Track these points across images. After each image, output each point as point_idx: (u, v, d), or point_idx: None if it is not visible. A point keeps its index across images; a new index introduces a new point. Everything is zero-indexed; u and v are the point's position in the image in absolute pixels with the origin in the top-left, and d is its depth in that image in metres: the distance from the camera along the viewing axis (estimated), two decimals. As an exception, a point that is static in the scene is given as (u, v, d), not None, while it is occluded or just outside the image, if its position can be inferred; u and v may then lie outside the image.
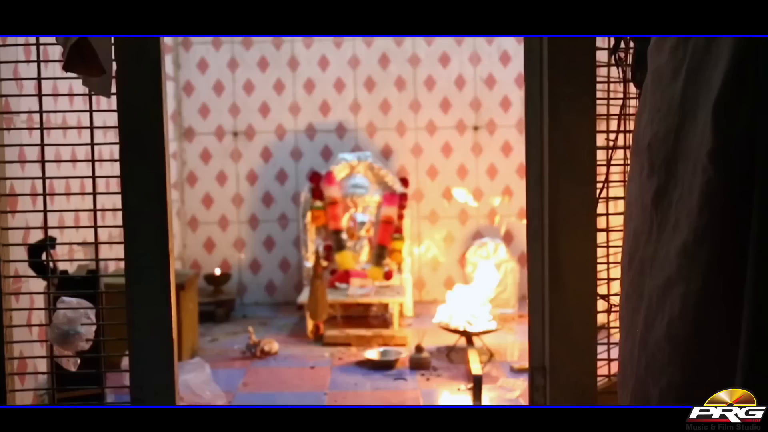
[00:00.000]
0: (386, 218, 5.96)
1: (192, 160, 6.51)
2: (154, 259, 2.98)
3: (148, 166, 2.98)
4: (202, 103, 6.48)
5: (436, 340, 5.19)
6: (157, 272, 3.00)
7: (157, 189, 2.99)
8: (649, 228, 2.01)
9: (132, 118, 2.99)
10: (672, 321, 1.84)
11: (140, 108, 2.98)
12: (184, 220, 6.55)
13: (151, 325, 3.02)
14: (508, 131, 6.54)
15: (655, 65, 2.05)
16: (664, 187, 1.95)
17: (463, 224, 6.55)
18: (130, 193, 3.00)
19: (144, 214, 2.98)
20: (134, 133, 2.99)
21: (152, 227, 2.98)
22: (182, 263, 6.53)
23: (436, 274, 6.59)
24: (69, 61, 2.68)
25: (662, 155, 1.95)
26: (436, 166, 6.54)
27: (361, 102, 6.48)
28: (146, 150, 2.99)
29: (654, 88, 2.05)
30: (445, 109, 6.51)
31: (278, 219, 6.53)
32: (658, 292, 1.92)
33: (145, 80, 2.89)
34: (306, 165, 6.47)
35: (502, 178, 6.56)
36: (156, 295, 3.00)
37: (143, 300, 3.00)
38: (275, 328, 5.83)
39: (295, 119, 6.50)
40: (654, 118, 2.01)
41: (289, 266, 6.56)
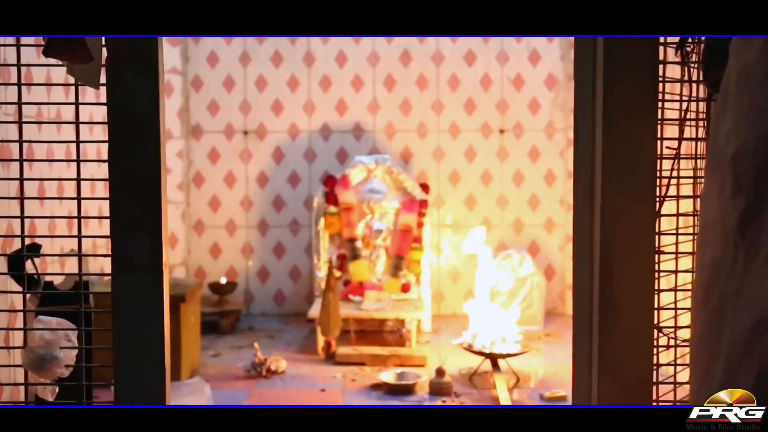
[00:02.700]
0: (404, 226, 5.69)
1: (199, 159, 6.24)
2: (145, 274, 2.64)
3: (141, 168, 2.62)
4: (211, 100, 6.21)
5: (457, 360, 4.82)
6: (148, 290, 2.65)
7: (150, 194, 2.63)
8: (733, 258, 1.68)
9: (123, 113, 2.63)
10: (763, 375, 1.54)
11: (133, 101, 2.62)
12: (189, 223, 6.27)
13: (140, 350, 2.68)
14: (536, 135, 6.23)
15: (741, 64, 1.71)
16: (753, 209, 1.63)
17: (486, 233, 6.13)
18: (119, 199, 2.63)
19: (135, 223, 2.62)
20: (125, 129, 2.63)
21: (144, 238, 2.63)
22: (186, 269, 6.26)
23: (456, 286, 6.30)
24: (50, 45, 2.30)
25: (752, 170, 1.62)
26: (459, 171, 6.26)
27: (380, 101, 6.22)
28: (139, 149, 2.63)
29: (740, 90, 1.71)
30: (470, 111, 6.23)
31: (289, 224, 6.25)
32: (744, 337, 1.62)
33: (140, 69, 2.53)
34: (320, 167, 6.20)
35: (528, 185, 6.27)
36: (147, 316, 2.66)
37: (131, 322, 2.65)
38: (283, 342, 5.49)
39: (309, 118, 6.23)
40: (741, 125, 1.68)
41: (300, 275, 6.28)
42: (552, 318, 6.04)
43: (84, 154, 3.74)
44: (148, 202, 2.62)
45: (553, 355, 5.15)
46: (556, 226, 6.27)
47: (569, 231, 6.15)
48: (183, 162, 6.18)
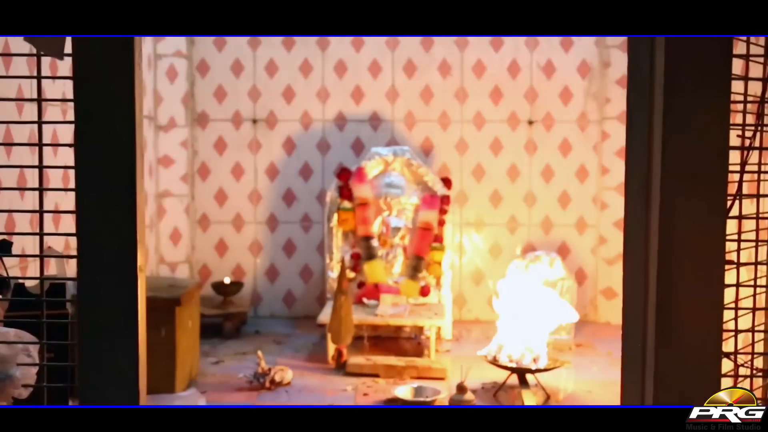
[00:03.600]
0: (424, 224, 5.35)
1: (205, 149, 5.94)
2: (115, 280, 2.28)
3: (113, 154, 2.27)
4: (218, 85, 5.92)
5: (480, 373, 4.45)
6: (118, 298, 2.30)
7: (123, 185, 2.27)
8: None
9: (91, 88, 2.28)
10: None
11: (104, 74, 2.24)
12: (193, 218, 5.99)
13: (108, 368, 2.32)
14: (568, 127, 5.88)
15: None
16: None
17: (512, 233, 5.92)
18: (86, 190, 2.27)
19: (104, 219, 2.27)
20: (94, 107, 2.28)
21: (114, 238, 2.27)
22: (190, 267, 5.98)
23: (479, 290, 5.96)
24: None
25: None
26: (484, 165, 5.92)
27: (399, 89, 5.89)
28: (110, 132, 2.28)
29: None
30: (496, 100, 5.88)
31: (300, 220, 5.95)
32: None
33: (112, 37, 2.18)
34: (334, 159, 5.88)
35: (558, 181, 5.92)
36: (116, 329, 2.30)
37: (99, 335, 2.30)
38: (291, 348, 5.15)
39: (322, 106, 5.92)
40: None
41: (311, 275, 5.98)
42: (583, 326, 5.62)
43: (55, 139, 3.33)
44: (121, 195, 2.27)
45: (586, 369, 4.75)
46: (589, 226, 5.91)
47: (603, 232, 5.84)
48: (187, 152, 5.92)
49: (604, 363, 4.86)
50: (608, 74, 5.75)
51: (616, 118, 5.71)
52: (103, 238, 2.23)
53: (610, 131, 5.77)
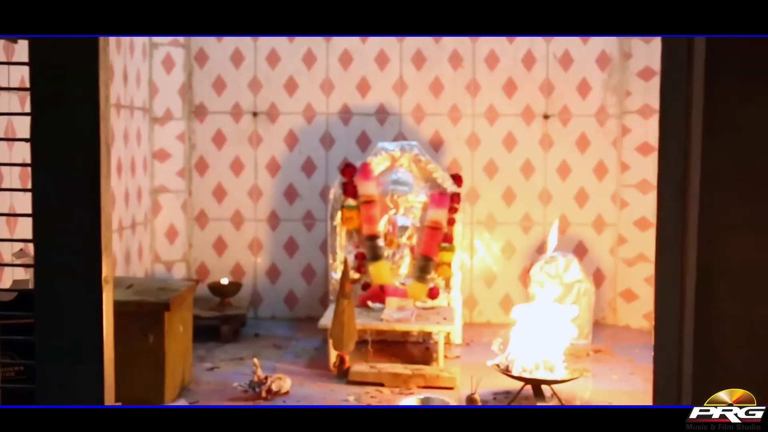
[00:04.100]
0: (433, 223, 5.17)
1: (203, 143, 5.77)
2: (77, 291, 2.10)
3: (74, 151, 2.12)
4: (217, 76, 5.74)
5: (491, 381, 4.24)
6: (81, 312, 2.15)
7: (86, 185, 2.10)
8: None
9: (50, 76, 2.12)
10: None
11: (64, 59, 2.05)
12: (190, 215, 5.81)
13: (69, 393, 2.12)
14: (586, 122, 5.68)
15: None
16: None
17: (526, 233, 5.73)
18: (45, 191, 2.12)
19: (63, 223, 2.11)
20: (53, 98, 2.10)
21: (75, 244, 2.10)
22: (187, 267, 5.80)
23: (490, 291, 5.79)
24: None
25: None
26: (496, 161, 5.73)
27: (408, 81, 5.71)
28: (72, 125, 2.11)
29: None
30: (510, 93, 5.68)
31: (303, 218, 5.78)
32: None
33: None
34: (338, 155, 5.70)
35: (575, 178, 5.72)
36: (79, 349, 2.13)
37: (57, 357, 2.10)
38: (291, 353, 4.93)
39: (327, 99, 5.74)
40: None
41: (314, 275, 5.80)
42: (601, 330, 5.37)
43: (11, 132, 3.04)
44: (83, 196, 2.06)
45: (605, 377, 4.51)
46: (607, 225, 5.70)
47: (622, 231, 5.65)
48: (185, 146, 5.74)
49: (623, 370, 4.60)
50: (629, 66, 5.53)
51: (637, 112, 5.48)
52: (62, 245, 1.99)
53: (630, 126, 5.54)
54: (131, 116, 5.09)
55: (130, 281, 4.14)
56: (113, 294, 4.03)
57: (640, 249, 5.52)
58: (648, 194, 5.47)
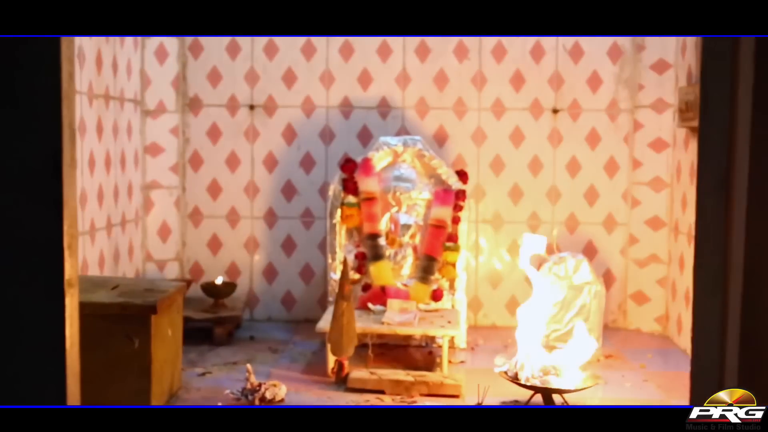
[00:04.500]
0: (437, 221, 5.02)
1: (197, 137, 5.62)
2: (36, 296, 1.84)
3: (32, 138, 1.84)
4: (213, 67, 5.59)
5: (499, 389, 4.03)
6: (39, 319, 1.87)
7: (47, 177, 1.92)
8: None
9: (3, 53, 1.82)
10: None
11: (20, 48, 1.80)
12: (184, 212, 5.65)
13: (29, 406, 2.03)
14: (596, 116, 5.51)
15: None
16: None
17: (534, 232, 5.50)
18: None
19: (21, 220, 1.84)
20: (7, 78, 1.83)
21: (35, 242, 1.87)
22: (180, 266, 5.63)
23: (496, 293, 5.62)
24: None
25: None
26: (503, 157, 5.58)
27: (411, 73, 5.56)
28: (29, 109, 1.93)
29: None
30: (517, 86, 5.52)
31: (301, 216, 5.63)
32: None
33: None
34: (338, 149, 5.56)
35: (585, 175, 5.56)
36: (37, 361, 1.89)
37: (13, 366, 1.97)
38: (288, 358, 4.75)
39: (326, 92, 5.59)
40: None
41: (313, 275, 5.64)
42: (611, 334, 5.18)
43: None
44: (43, 189, 1.87)
45: (617, 384, 4.32)
46: (618, 224, 5.52)
47: (633, 231, 5.48)
48: (178, 140, 5.57)
49: (636, 378, 4.40)
50: (642, 58, 5.34)
51: (650, 106, 5.30)
52: (18, 244, 1.78)
53: (643, 121, 5.35)
54: (121, 108, 4.89)
55: (116, 282, 3.93)
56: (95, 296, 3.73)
57: (652, 249, 5.35)
58: (661, 192, 5.29)
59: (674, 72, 5.17)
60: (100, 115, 4.49)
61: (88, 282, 3.80)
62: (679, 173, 5.10)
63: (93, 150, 4.39)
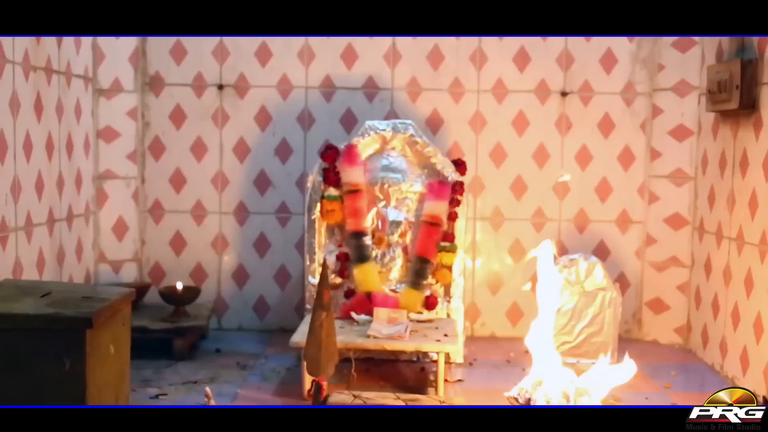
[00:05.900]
0: (431, 218, 4.64)
1: (158, 121, 5.20)
2: None
3: None
4: (176, 42, 5.17)
5: None
6: None
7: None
8: None
9: None
10: None
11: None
12: (143, 206, 5.23)
13: None
14: (610, 100, 5.15)
15: None
16: None
17: (538, 230, 5.17)
18: None
19: None
20: None
21: None
22: (139, 267, 5.20)
23: (495, 300, 5.23)
24: None
25: None
26: (505, 145, 5.21)
27: (401, 49, 5.21)
28: None
29: None
30: (521, 65, 5.17)
31: (276, 211, 5.27)
32: None
33: None
34: (319, 136, 5.20)
35: (597, 166, 5.18)
36: None
37: None
38: (258, 375, 4.22)
39: (305, 70, 5.23)
40: None
41: (289, 278, 5.25)
42: (625, 346, 4.70)
43: None
44: None
45: (632, 400, 3.83)
46: (633, 223, 5.12)
47: (651, 230, 5.06)
48: (136, 124, 5.14)
49: (663, 401, 3.90)
50: (660, 37, 4.97)
51: (671, 89, 4.88)
52: None
53: (662, 105, 4.94)
54: (68, 85, 4.34)
55: (49, 288, 3.34)
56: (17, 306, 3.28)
57: (672, 251, 4.95)
58: (683, 186, 4.87)
59: (700, 49, 4.75)
60: (39, 91, 3.92)
61: (13, 288, 3.22)
62: (705, 164, 4.65)
63: (29, 131, 3.82)
